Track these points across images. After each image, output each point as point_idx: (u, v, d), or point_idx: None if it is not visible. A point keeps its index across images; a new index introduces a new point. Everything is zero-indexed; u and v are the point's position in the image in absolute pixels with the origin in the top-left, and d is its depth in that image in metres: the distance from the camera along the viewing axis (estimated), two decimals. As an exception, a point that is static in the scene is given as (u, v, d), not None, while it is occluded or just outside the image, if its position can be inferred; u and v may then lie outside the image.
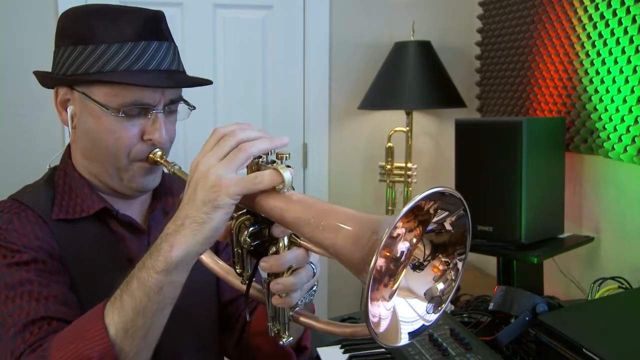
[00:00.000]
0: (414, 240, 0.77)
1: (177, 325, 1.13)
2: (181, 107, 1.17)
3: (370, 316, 0.72)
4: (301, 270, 0.89)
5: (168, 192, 1.25)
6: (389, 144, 2.59)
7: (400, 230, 0.76)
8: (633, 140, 1.65)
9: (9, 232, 1.05)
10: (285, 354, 1.16)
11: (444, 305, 0.79)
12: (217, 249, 1.29)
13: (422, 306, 0.79)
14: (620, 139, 1.71)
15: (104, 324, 0.87)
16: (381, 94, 2.54)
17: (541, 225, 1.79)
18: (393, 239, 0.76)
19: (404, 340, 0.77)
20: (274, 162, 0.88)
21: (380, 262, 0.76)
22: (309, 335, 1.21)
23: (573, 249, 1.84)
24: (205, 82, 1.17)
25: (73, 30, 1.10)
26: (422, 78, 2.47)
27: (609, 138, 1.77)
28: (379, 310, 0.75)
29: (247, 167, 0.88)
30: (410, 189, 2.60)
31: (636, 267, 1.72)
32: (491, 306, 1.61)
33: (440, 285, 0.79)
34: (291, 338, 0.94)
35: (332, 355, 1.49)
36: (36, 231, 1.07)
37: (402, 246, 0.77)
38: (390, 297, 0.77)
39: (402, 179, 2.59)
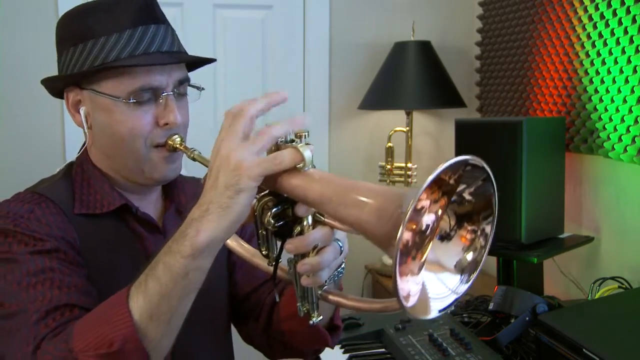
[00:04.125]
0: (439, 212, 0.76)
1: (189, 320, 1.14)
2: (190, 90, 1.18)
3: (400, 291, 0.71)
4: (327, 249, 0.88)
5: (180, 193, 1.26)
6: (389, 144, 2.59)
7: (425, 203, 0.75)
8: (633, 140, 1.65)
9: (31, 220, 1.05)
10: (319, 335, 1.15)
11: (475, 274, 0.78)
12: (241, 232, 1.29)
13: (453, 279, 0.78)
14: (620, 139, 1.71)
15: (128, 308, 0.87)
16: (381, 94, 2.54)
17: (541, 225, 1.79)
18: (418, 212, 0.75)
19: (434, 313, 0.76)
20: (293, 140, 0.88)
21: (407, 235, 0.75)
22: (339, 314, 1.20)
23: (573, 249, 1.84)
24: (209, 60, 1.19)
25: (70, 32, 1.11)
26: (422, 78, 2.47)
27: (609, 138, 1.77)
28: (408, 285, 0.74)
29: None
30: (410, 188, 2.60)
31: (636, 267, 1.72)
32: (491, 306, 1.61)
33: (470, 255, 0.79)
34: (321, 317, 0.94)
35: (332, 355, 1.49)
36: (58, 222, 1.08)
37: (428, 218, 0.76)
38: (419, 270, 0.76)
39: (402, 179, 2.59)
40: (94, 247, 1.10)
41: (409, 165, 2.57)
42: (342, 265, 0.95)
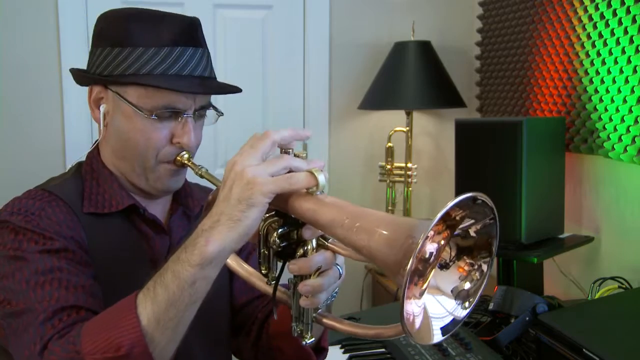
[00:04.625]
0: (442, 242, 0.79)
1: (192, 327, 1.14)
2: (209, 112, 1.20)
3: (404, 314, 0.73)
4: (328, 272, 0.90)
5: (188, 196, 1.27)
6: (389, 144, 2.59)
7: (430, 233, 0.77)
8: (633, 140, 1.65)
9: (42, 218, 1.06)
10: (306, 356, 1.18)
11: (473, 300, 0.81)
12: (239, 251, 1.31)
13: (450, 303, 0.81)
14: (620, 139, 1.72)
15: (137, 313, 0.88)
16: (381, 94, 2.54)
17: (541, 225, 1.79)
18: (424, 241, 0.78)
19: (437, 336, 0.78)
20: (297, 155, 0.91)
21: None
22: (327, 337, 1.22)
23: (573, 249, 1.84)
24: (235, 90, 1.22)
25: (111, 32, 1.12)
26: (422, 78, 2.47)
27: (609, 138, 1.77)
28: (411, 307, 0.77)
29: None
30: (410, 189, 2.60)
31: (636, 267, 1.72)
32: (491, 306, 1.61)
33: (467, 285, 0.81)
34: (313, 339, 0.95)
35: (332, 355, 1.49)
36: (67, 221, 1.09)
37: (431, 247, 0.78)
38: (421, 295, 0.79)
39: (402, 179, 2.59)
40: (101, 245, 1.11)
41: (409, 165, 2.57)
42: (337, 290, 0.97)
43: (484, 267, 0.81)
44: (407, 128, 2.59)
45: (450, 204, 0.71)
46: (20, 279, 0.99)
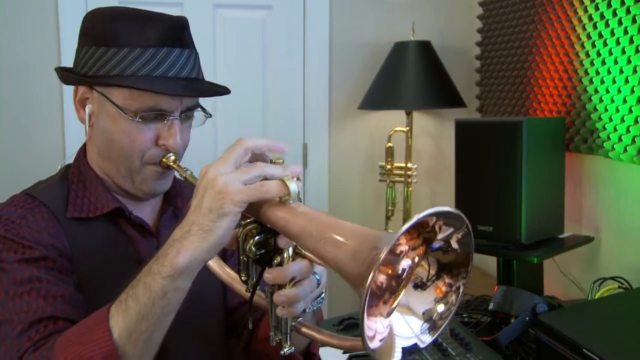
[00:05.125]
0: (417, 258, 0.77)
1: (184, 330, 1.13)
2: (197, 113, 1.19)
3: (367, 330, 0.71)
4: (304, 282, 0.89)
5: (178, 196, 1.26)
6: (389, 144, 2.59)
7: (404, 247, 0.76)
8: (633, 140, 1.65)
9: (22, 227, 1.05)
10: None
11: (439, 330, 0.79)
12: (224, 255, 1.29)
13: (417, 324, 0.79)
14: (620, 139, 1.71)
15: (109, 326, 0.87)
16: (381, 94, 2.54)
17: (541, 225, 1.79)
18: (396, 256, 0.76)
19: (397, 357, 0.76)
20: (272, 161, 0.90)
21: (382, 278, 0.76)
22: (317, 343, 1.20)
23: (573, 249, 1.84)
24: (223, 92, 1.20)
25: (97, 31, 1.11)
26: (422, 78, 2.47)
27: (609, 138, 1.77)
28: (376, 326, 0.75)
29: None
30: (410, 189, 2.60)
31: (636, 267, 1.72)
32: (491, 306, 1.61)
33: (441, 307, 0.79)
34: (292, 348, 0.94)
35: (332, 355, 1.49)
36: (49, 228, 1.08)
37: (405, 263, 0.77)
38: (388, 314, 0.77)
39: (402, 179, 2.59)
40: (85, 250, 1.10)
41: (409, 165, 2.57)
42: (322, 296, 0.96)
43: (461, 287, 0.78)
44: (407, 128, 2.59)
45: (416, 217, 0.69)
46: None
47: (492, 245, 1.77)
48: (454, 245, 0.77)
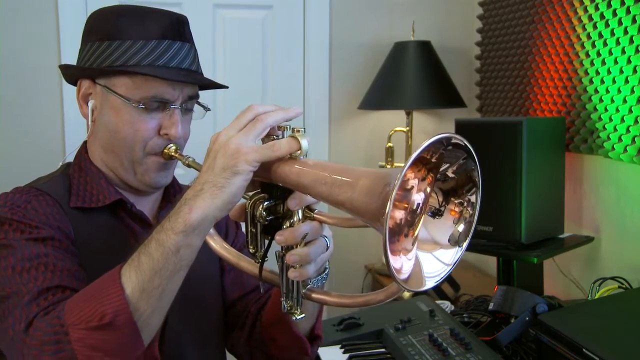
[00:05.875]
0: (428, 189, 0.81)
1: (181, 320, 1.14)
2: (197, 107, 1.23)
3: (393, 268, 0.74)
4: (315, 242, 0.92)
5: (177, 193, 1.28)
6: (389, 144, 2.59)
7: (413, 182, 0.80)
8: (633, 140, 1.65)
9: (28, 210, 1.07)
10: (300, 344, 1.18)
11: (465, 243, 0.82)
12: (233, 242, 1.33)
13: (448, 254, 0.82)
14: (620, 139, 1.71)
15: (121, 283, 0.88)
16: (381, 94, 2.54)
17: (541, 225, 1.79)
18: (407, 191, 0.80)
19: (429, 284, 0.79)
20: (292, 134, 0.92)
21: (400, 214, 0.80)
22: (321, 324, 1.23)
23: (573, 249, 1.84)
24: (222, 86, 1.25)
25: (100, 27, 1.15)
26: (422, 78, 2.47)
27: (609, 138, 1.77)
28: (401, 262, 0.78)
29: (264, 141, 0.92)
30: (410, 189, 2.60)
31: (636, 267, 1.72)
32: (491, 306, 1.61)
33: (461, 227, 0.83)
34: (303, 315, 0.96)
35: (332, 355, 1.49)
36: (54, 213, 1.10)
37: (418, 197, 0.80)
38: (413, 245, 0.80)
39: (402, 179, 2.59)
40: (87, 240, 1.12)
41: (409, 165, 2.57)
42: (326, 271, 0.99)
43: (473, 199, 0.82)
44: (407, 128, 2.59)
45: (422, 146, 0.72)
46: (6, 266, 1.00)
47: (492, 245, 1.77)
48: (451, 175, 0.81)
